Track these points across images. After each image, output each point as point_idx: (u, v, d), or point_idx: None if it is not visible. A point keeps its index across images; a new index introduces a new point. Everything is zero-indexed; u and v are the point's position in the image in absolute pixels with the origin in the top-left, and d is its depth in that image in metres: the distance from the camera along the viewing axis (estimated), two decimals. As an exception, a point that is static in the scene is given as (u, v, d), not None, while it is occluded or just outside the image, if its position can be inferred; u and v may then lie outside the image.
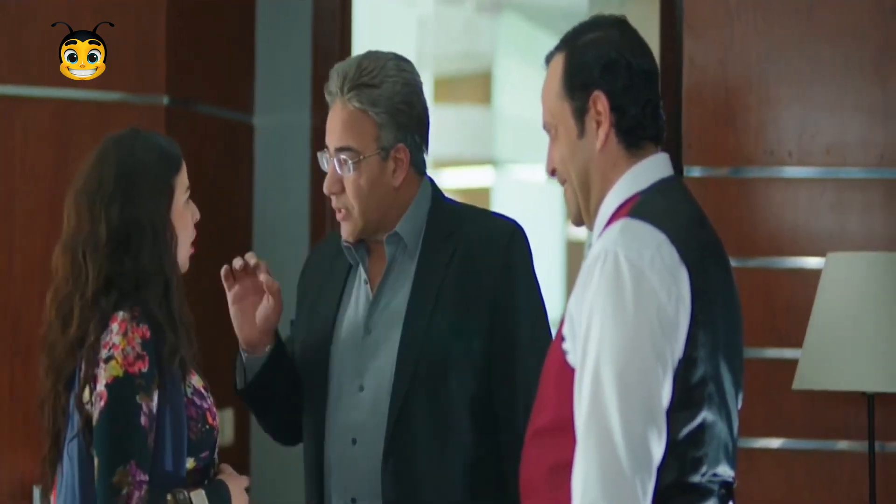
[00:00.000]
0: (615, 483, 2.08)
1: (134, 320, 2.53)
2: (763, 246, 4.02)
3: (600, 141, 2.28)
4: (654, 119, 2.31)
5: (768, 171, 4.02)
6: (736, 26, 4.04)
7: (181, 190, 2.67)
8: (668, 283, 2.15)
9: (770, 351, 3.97)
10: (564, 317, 2.25)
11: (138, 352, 2.52)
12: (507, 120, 10.79)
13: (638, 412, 2.10)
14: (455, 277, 2.80)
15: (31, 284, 4.17)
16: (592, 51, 2.30)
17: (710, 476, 2.19)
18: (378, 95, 2.81)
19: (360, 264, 2.90)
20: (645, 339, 2.12)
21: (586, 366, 2.14)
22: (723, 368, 2.22)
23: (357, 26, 5.09)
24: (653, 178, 2.29)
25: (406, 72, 2.86)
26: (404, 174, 2.85)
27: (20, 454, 4.03)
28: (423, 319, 2.80)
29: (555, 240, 11.81)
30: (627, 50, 2.30)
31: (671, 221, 2.20)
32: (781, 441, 3.97)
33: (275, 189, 4.94)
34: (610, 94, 2.28)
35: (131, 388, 2.50)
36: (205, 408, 2.61)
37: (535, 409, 2.29)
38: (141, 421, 2.49)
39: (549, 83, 2.35)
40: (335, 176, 2.85)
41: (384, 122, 2.81)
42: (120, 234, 2.58)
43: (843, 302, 3.60)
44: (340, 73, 2.84)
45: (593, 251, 2.21)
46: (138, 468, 2.48)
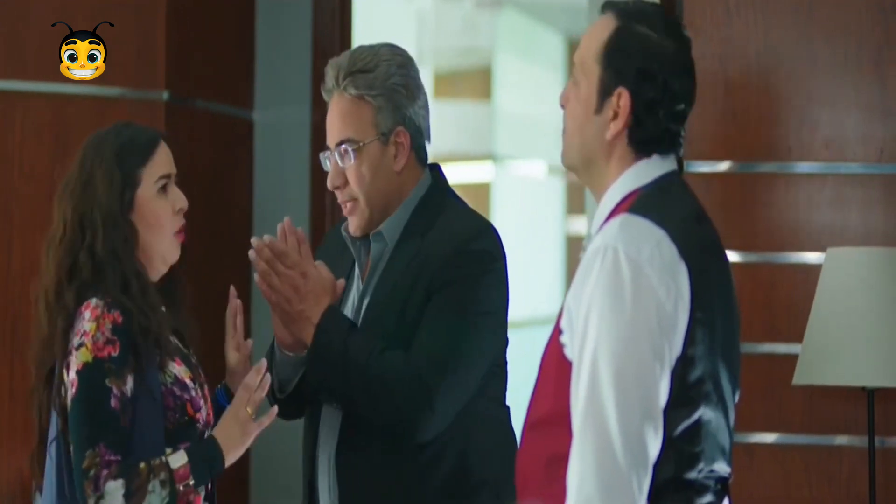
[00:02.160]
0: (611, 479, 2.08)
1: (107, 306, 2.54)
2: (763, 241, 4.02)
3: (611, 133, 2.27)
4: (672, 141, 2.29)
5: (768, 166, 4.03)
6: (735, 23, 4.04)
7: (150, 179, 2.65)
8: (667, 281, 2.15)
9: (770, 346, 3.97)
10: (562, 310, 2.25)
11: (108, 336, 2.52)
12: (506, 115, 10.79)
13: (635, 408, 2.10)
14: (413, 270, 2.79)
15: (29, 281, 4.13)
16: (639, 48, 2.26)
17: (706, 472, 2.19)
18: (373, 78, 2.81)
19: (357, 260, 2.90)
20: (643, 335, 2.12)
21: (584, 361, 2.14)
22: (720, 366, 2.22)
23: (357, 21, 5.09)
24: (655, 173, 2.29)
25: (400, 55, 2.87)
26: (405, 158, 2.85)
27: (19, 454, 4.03)
28: (374, 317, 2.80)
29: (555, 235, 11.82)
30: (670, 68, 2.26)
31: (671, 218, 2.20)
32: (781, 436, 3.97)
33: (274, 185, 4.94)
34: (635, 99, 2.25)
35: (101, 372, 2.50)
36: (185, 398, 2.59)
37: (533, 400, 2.29)
38: (111, 404, 2.49)
39: (592, 37, 2.30)
40: (337, 169, 2.86)
41: (382, 105, 2.82)
42: (74, 228, 2.60)
43: (842, 297, 3.60)
44: (334, 67, 2.86)
45: (593, 245, 2.21)
46: (108, 449, 2.48)
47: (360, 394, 2.74)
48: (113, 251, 2.59)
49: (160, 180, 2.66)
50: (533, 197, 10.95)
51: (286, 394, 2.87)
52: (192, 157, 4.52)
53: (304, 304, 2.76)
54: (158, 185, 2.66)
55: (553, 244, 13.56)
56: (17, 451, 4.04)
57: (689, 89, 2.30)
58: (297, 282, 2.77)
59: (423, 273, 2.77)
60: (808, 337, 3.64)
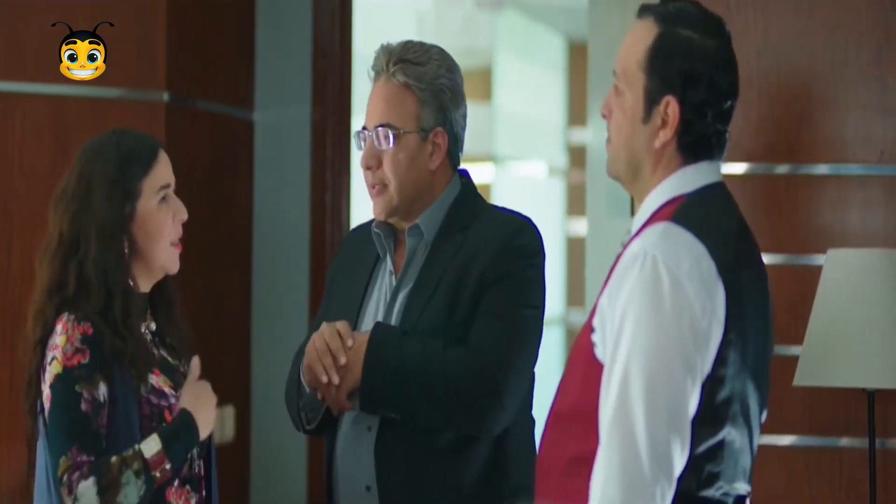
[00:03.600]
0: (635, 486, 2.07)
1: (76, 320, 2.54)
2: (764, 242, 3.97)
3: (660, 141, 2.25)
4: (719, 141, 2.28)
5: (768, 167, 4.02)
6: (735, 22, 4.03)
7: (151, 191, 2.64)
8: (703, 297, 2.13)
9: (770, 347, 3.97)
10: (595, 309, 2.23)
11: (77, 346, 2.53)
12: (507, 116, 10.77)
13: (663, 418, 2.09)
14: (459, 265, 2.80)
15: (29, 282, 4.13)
16: (683, 51, 2.23)
17: (724, 490, 2.19)
18: (423, 72, 2.83)
19: (388, 254, 2.90)
20: (677, 347, 2.11)
21: (616, 365, 2.13)
22: (749, 387, 2.20)
23: (357, 22, 5.09)
24: (700, 181, 2.27)
25: (449, 60, 2.90)
26: (440, 159, 2.86)
27: (19, 453, 4.02)
28: (417, 310, 2.79)
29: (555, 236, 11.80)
30: (714, 65, 2.24)
31: (712, 233, 2.18)
32: (782, 437, 3.97)
33: (275, 186, 4.93)
34: (683, 105, 2.24)
35: (70, 380, 2.51)
36: (163, 405, 2.59)
37: (559, 391, 2.28)
38: (82, 408, 2.49)
39: (633, 44, 2.27)
40: (373, 150, 2.85)
41: (426, 100, 2.83)
42: (68, 240, 2.59)
43: (843, 299, 3.60)
44: (386, 51, 2.86)
45: (632, 249, 2.19)
46: (80, 451, 2.48)
47: (425, 401, 2.73)
48: (103, 268, 2.58)
49: (161, 191, 2.65)
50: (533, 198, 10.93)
51: (315, 423, 2.87)
52: (192, 157, 4.52)
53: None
54: (159, 195, 2.65)
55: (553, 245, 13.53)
56: (17, 450, 4.02)
57: (734, 83, 2.28)
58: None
59: (471, 267, 2.78)
60: (808, 338, 3.64)
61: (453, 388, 2.71)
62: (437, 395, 2.72)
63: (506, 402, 2.73)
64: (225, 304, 4.73)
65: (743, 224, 2.30)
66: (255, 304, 4.89)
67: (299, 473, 4.80)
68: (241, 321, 4.85)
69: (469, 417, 2.74)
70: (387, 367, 2.73)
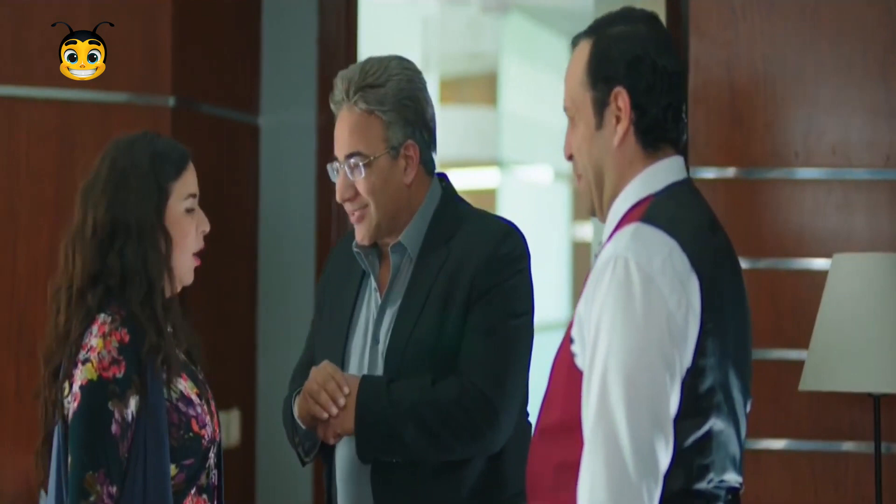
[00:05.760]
0: (621, 488, 2.08)
1: (114, 324, 2.53)
2: (769, 247, 4.01)
3: (618, 137, 2.27)
4: (675, 122, 2.29)
5: (774, 172, 4.02)
6: (741, 27, 4.03)
7: (179, 196, 2.64)
8: (678, 291, 2.14)
9: (776, 352, 3.97)
10: (573, 319, 2.24)
11: (114, 356, 2.51)
12: (512, 120, 10.77)
13: (645, 418, 2.10)
14: (446, 278, 2.80)
15: (35, 284, 4.18)
16: (619, 44, 2.28)
17: (716, 483, 2.19)
18: (384, 94, 2.81)
19: (371, 272, 2.90)
20: (653, 346, 2.12)
21: (594, 371, 2.14)
22: (731, 376, 2.21)
23: (362, 27, 5.09)
24: (666, 180, 2.28)
25: (409, 70, 2.87)
26: (415, 171, 2.85)
27: (25, 454, 4.03)
28: (407, 327, 2.79)
29: (561, 241, 11.81)
30: (654, 48, 2.28)
31: (683, 228, 2.20)
32: (787, 442, 3.96)
33: (280, 189, 4.94)
34: (632, 92, 2.26)
35: (104, 394, 2.49)
36: (191, 415, 2.59)
37: (544, 407, 2.30)
38: (112, 429, 2.48)
39: (573, 68, 2.32)
40: (346, 181, 2.85)
41: (392, 120, 2.82)
42: (105, 230, 2.58)
43: (849, 303, 3.60)
44: (345, 80, 2.85)
45: (604, 255, 2.20)
46: (107, 478, 2.47)
47: (423, 440, 2.74)
48: (143, 261, 2.58)
49: (188, 198, 2.65)
50: (539, 202, 10.94)
51: (312, 455, 2.90)
52: (198, 162, 4.50)
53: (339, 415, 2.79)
54: (186, 203, 2.65)
55: (559, 249, 13.55)
56: (22, 451, 4.02)
57: (676, 62, 2.31)
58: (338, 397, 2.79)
59: (458, 280, 2.79)
60: (814, 343, 3.64)
61: (449, 420, 2.73)
62: (433, 432, 2.73)
63: (503, 420, 2.74)
64: (231, 308, 4.74)
65: (713, 217, 2.31)
66: (260, 308, 4.90)
67: (304, 477, 4.80)
68: (247, 325, 4.85)
69: (469, 443, 2.75)
70: (378, 420, 2.74)
